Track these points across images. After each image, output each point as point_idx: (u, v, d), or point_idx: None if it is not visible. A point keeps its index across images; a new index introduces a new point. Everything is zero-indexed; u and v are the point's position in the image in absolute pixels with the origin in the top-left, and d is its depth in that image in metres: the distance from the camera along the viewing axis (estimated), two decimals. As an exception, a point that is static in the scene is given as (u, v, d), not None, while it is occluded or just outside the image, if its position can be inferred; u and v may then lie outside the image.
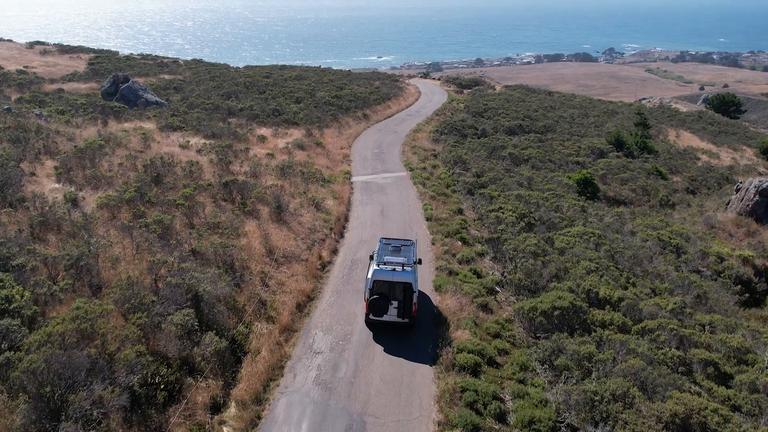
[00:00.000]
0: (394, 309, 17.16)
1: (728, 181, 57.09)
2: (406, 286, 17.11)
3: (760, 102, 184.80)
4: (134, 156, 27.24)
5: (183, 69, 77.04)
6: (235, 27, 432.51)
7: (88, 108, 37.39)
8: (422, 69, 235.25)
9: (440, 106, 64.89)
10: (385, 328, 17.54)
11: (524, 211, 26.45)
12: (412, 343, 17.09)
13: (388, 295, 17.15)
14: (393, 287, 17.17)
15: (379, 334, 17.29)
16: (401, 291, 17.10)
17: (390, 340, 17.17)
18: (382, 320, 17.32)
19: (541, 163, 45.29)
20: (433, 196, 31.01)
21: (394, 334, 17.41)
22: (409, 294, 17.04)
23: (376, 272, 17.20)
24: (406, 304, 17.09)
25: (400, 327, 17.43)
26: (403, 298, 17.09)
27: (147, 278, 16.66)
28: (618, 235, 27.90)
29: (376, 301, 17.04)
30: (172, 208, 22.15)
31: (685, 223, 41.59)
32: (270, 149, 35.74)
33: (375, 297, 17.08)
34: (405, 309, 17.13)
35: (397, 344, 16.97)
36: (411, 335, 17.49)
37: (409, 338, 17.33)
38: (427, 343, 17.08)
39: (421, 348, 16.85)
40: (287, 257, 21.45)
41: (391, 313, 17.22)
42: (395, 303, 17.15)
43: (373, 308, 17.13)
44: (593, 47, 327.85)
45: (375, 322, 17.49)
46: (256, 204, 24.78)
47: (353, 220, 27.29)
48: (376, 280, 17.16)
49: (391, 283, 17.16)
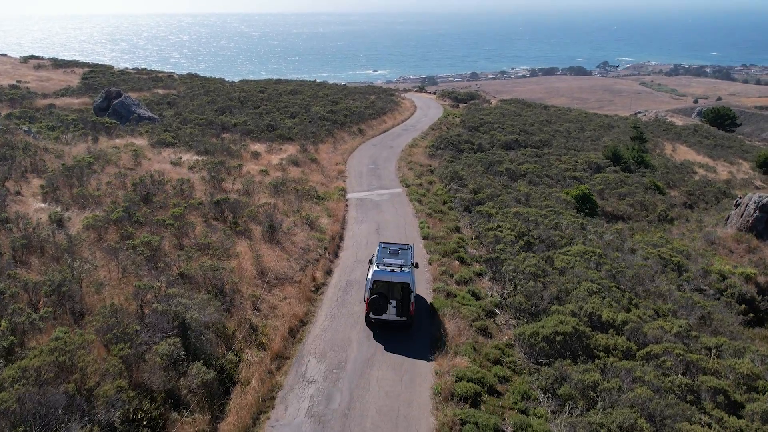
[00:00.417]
0: (393, 308, 18.06)
1: (726, 195, 56.80)
2: (404, 286, 18.03)
3: (754, 115, 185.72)
4: (124, 174, 26.60)
5: (178, 83, 76.62)
6: (231, 41, 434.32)
7: (79, 124, 36.77)
8: (417, 82, 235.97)
9: (436, 121, 64.58)
10: (384, 328, 18.26)
11: (523, 229, 25.89)
12: (410, 372, 16.41)
13: (387, 294, 17.99)
14: (392, 287, 18.06)
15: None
16: (399, 291, 18.01)
17: (388, 368, 16.50)
18: (381, 319, 18.15)
19: (539, 178, 44.85)
20: (430, 213, 30.44)
21: (390, 364, 16.73)
22: (407, 294, 17.96)
23: (376, 273, 18.12)
24: (404, 303, 17.99)
25: (399, 325, 18.26)
26: (401, 297, 17.99)
27: (132, 304, 15.96)
28: (618, 254, 27.34)
29: (376, 301, 17.89)
30: (161, 229, 21.48)
31: (684, 239, 41.12)
32: (264, 165, 35.17)
33: (375, 296, 17.93)
34: (403, 308, 18.05)
35: (393, 373, 16.29)
36: (409, 363, 16.81)
37: (407, 366, 16.65)
38: (425, 371, 16.40)
39: (419, 376, 16.17)
40: (280, 279, 20.78)
41: (390, 312, 18.10)
42: (394, 302, 18.04)
43: (373, 307, 17.97)
44: (587, 61, 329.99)
45: (375, 321, 18.28)
46: (248, 223, 24.14)
47: (348, 238, 26.66)
48: (376, 281, 18.04)
49: (390, 284, 18.06)
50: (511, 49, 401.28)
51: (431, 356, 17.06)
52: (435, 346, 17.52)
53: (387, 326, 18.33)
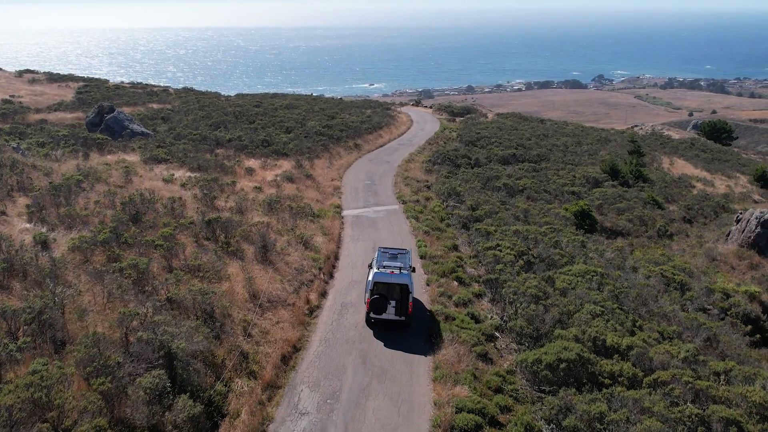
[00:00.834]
0: (392, 308, 19.03)
1: (724, 210, 56.37)
2: (403, 287, 19.01)
3: (749, 128, 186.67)
4: (113, 192, 25.92)
5: (173, 98, 76.16)
6: (227, 55, 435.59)
7: (70, 140, 36.11)
8: (414, 96, 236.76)
9: (432, 135, 64.17)
10: (384, 327, 19.17)
11: (523, 248, 25.27)
12: (408, 402, 15.68)
13: (387, 295, 18.95)
14: (391, 288, 19.03)
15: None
16: (398, 292, 18.99)
17: (385, 397, 15.78)
18: (381, 318, 19.13)
19: (537, 193, 44.37)
20: (427, 231, 29.82)
21: (387, 393, 16.01)
22: (405, 295, 18.92)
23: (376, 275, 19.12)
24: (403, 303, 18.97)
25: (398, 324, 19.23)
26: (400, 298, 18.97)
27: (116, 332, 15.24)
28: (620, 272, 26.73)
29: (377, 301, 18.89)
30: (150, 250, 20.78)
31: (684, 255, 40.56)
32: (258, 182, 34.56)
33: (375, 297, 18.92)
34: (402, 308, 19.03)
35: (390, 403, 15.56)
36: (407, 392, 16.08)
37: (405, 396, 15.93)
38: (424, 401, 15.67)
39: (418, 406, 15.45)
40: (272, 302, 20.07)
41: (389, 312, 19.10)
42: (393, 303, 19.01)
43: (373, 307, 18.94)
44: (583, 74, 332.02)
45: (375, 321, 19.26)
46: (241, 243, 23.46)
47: (344, 258, 25.99)
48: (377, 282, 19.01)
49: (389, 285, 19.04)
50: (507, 62, 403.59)
51: (430, 384, 16.36)
52: (434, 373, 16.83)
53: (387, 326, 19.16)
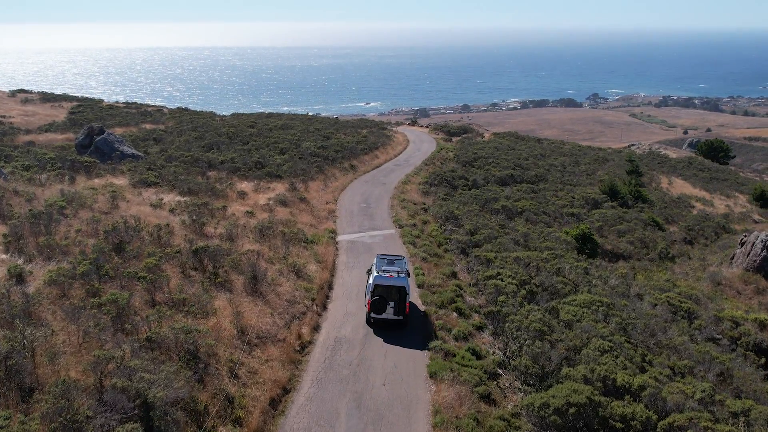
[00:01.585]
0: (391, 308, 20.61)
1: (725, 230, 55.64)
2: (401, 289, 20.63)
3: (744, 146, 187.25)
4: (98, 219, 24.82)
5: (167, 118, 75.39)
6: (223, 74, 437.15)
7: (56, 163, 35.10)
8: (410, 114, 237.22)
9: (429, 155, 63.43)
10: (383, 326, 20.75)
11: (524, 276, 24.24)
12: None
13: (386, 297, 20.55)
14: (390, 290, 20.60)
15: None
16: (396, 294, 20.59)
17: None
18: (381, 318, 20.76)
19: (536, 215, 43.47)
20: (425, 257, 28.78)
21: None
22: (402, 296, 20.57)
23: (377, 278, 20.80)
24: (401, 304, 20.57)
25: (396, 324, 20.77)
26: (398, 299, 20.58)
27: (90, 377, 14.07)
28: (626, 301, 25.69)
29: (377, 302, 20.53)
30: (133, 282, 19.64)
31: (688, 278, 39.62)
32: (250, 206, 33.52)
33: (375, 298, 20.55)
34: (400, 308, 20.59)
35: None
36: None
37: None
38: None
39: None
40: (262, 338, 18.91)
41: (388, 312, 20.68)
42: (392, 303, 20.58)
43: (374, 307, 20.57)
44: (578, 93, 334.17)
45: (375, 320, 20.86)
46: (230, 273, 22.35)
47: (338, 287, 24.88)
48: (377, 285, 20.67)
49: (388, 287, 20.61)
50: (502, 81, 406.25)
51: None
52: (434, 419, 15.66)
53: (386, 325, 20.79)
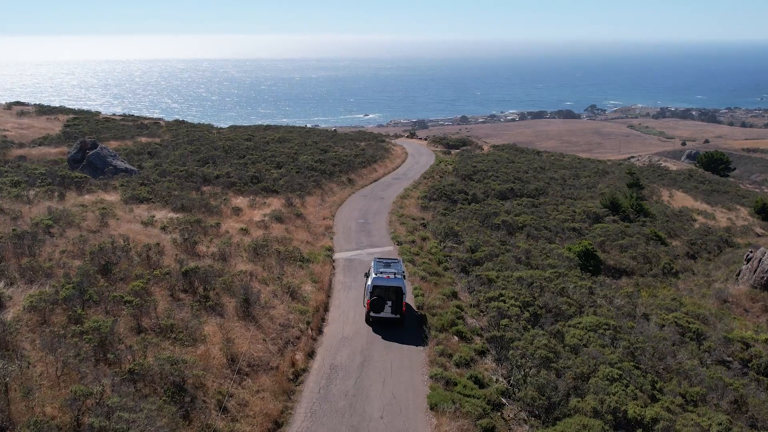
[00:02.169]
0: (389, 308, 22.05)
1: (728, 244, 54.86)
2: (397, 290, 22.07)
3: (742, 157, 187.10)
4: (85, 238, 23.94)
5: (163, 131, 74.67)
6: (222, 86, 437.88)
7: (46, 179, 34.26)
8: (408, 126, 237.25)
9: (428, 169, 62.74)
10: (382, 324, 22.15)
11: (528, 298, 23.37)
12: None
13: (384, 297, 22.00)
14: (387, 291, 22.01)
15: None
16: (394, 294, 22.03)
17: None
18: (379, 316, 22.18)
19: (537, 231, 42.67)
20: (424, 276, 27.89)
21: None
22: (399, 296, 22.04)
23: (375, 279, 22.26)
24: (398, 303, 22.05)
25: (393, 322, 22.21)
26: (395, 299, 22.03)
27: (68, 414, 13.15)
28: (632, 323, 24.80)
29: (376, 302, 21.98)
30: (119, 307, 18.74)
31: (693, 295, 38.73)
32: (245, 223, 32.67)
33: (374, 298, 21.99)
34: (397, 307, 22.07)
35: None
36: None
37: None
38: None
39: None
40: (253, 366, 17.98)
41: (386, 311, 22.11)
42: (389, 303, 22.04)
43: (373, 307, 22.03)
44: (575, 104, 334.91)
45: (374, 319, 22.23)
46: (222, 296, 21.45)
47: (334, 309, 23.98)
48: (376, 286, 22.08)
49: (386, 288, 22.01)
50: (500, 93, 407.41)
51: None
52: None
53: (384, 323, 22.15)
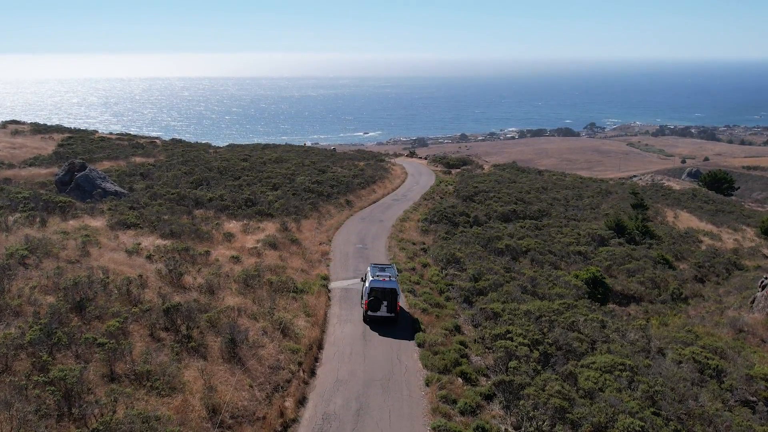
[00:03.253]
0: (385, 307, 24.33)
1: (736, 267, 53.40)
2: (392, 291, 24.41)
3: (742, 175, 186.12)
4: (62, 270, 22.34)
5: (159, 150, 73.39)
6: (222, 104, 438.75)
7: (30, 203, 32.75)
8: (408, 144, 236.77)
9: (428, 189, 61.32)
10: (378, 323, 24.35)
11: (537, 335, 21.74)
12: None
13: (381, 298, 24.28)
14: (383, 292, 24.34)
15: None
16: (389, 295, 24.35)
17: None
18: (376, 315, 24.43)
19: (541, 255, 41.10)
20: (425, 308, 26.26)
21: None
22: (394, 297, 24.37)
23: (372, 282, 24.54)
24: (392, 303, 24.33)
25: (388, 320, 24.42)
26: (390, 299, 24.33)
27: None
28: (648, 360, 23.13)
29: (373, 302, 24.29)
30: (92, 350, 17.11)
31: (705, 323, 37.07)
32: (236, 250, 31.09)
33: (372, 299, 24.27)
34: (392, 307, 24.34)
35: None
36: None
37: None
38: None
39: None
40: (237, 417, 16.29)
41: (382, 310, 24.39)
42: (385, 303, 24.34)
43: (371, 306, 24.32)
44: (575, 122, 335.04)
45: (371, 318, 24.42)
46: (206, 335, 19.81)
47: (328, 346, 22.31)
48: (373, 288, 24.35)
49: (382, 290, 24.35)
50: (499, 111, 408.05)
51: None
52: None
53: (380, 321, 24.40)
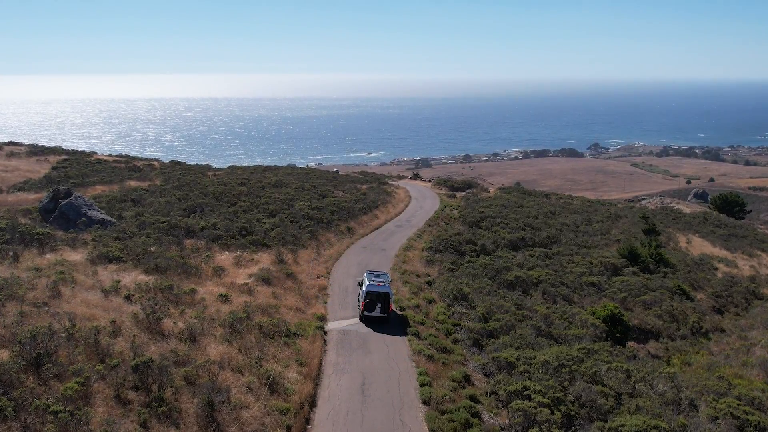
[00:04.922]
0: (379, 308, 27.23)
1: (755, 296, 50.89)
2: (386, 294, 27.29)
3: (749, 196, 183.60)
4: (25, 317, 19.97)
5: (156, 174, 71.40)
6: (224, 125, 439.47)
7: (5, 235, 30.52)
8: (411, 164, 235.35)
9: (432, 215, 58.98)
10: (373, 322, 27.28)
11: (558, 393, 19.21)
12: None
13: (375, 300, 27.16)
14: (378, 295, 27.22)
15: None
16: (383, 297, 27.25)
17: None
18: (371, 315, 27.29)
19: (553, 287, 38.60)
20: (431, 355, 23.76)
21: None
22: (387, 299, 27.24)
23: (369, 286, 27.35)
24: (385, 305, 27.22)
25: (381, 320, 27.33)
26: (384, 302, 27.21)
27: None
28: (683, 419, 20.52)
29: (369, 303, 27.17)
30: (43, 419, 14.68)
31: (731, 362, 34.43)
32: (226, 287, 28.67)
33: (368, 300, 27.16)
34: (385, 308, 27.27)
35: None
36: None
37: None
38: None
39: None
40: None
41: (376, 311, 27.27)
42: (379, 304, 27.21)
43: (367, 307, 27.21)
44: (578, 142, 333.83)
45: (367, 317, 27.31)
46: (181, 394, 17.33)
47: (322, 404, 19.77)
48: (369, 291, 27.22)
49: (377, 293, 27.22)
50: (502, 132, 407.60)
51: None
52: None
53: (375, 320, 27.32)
